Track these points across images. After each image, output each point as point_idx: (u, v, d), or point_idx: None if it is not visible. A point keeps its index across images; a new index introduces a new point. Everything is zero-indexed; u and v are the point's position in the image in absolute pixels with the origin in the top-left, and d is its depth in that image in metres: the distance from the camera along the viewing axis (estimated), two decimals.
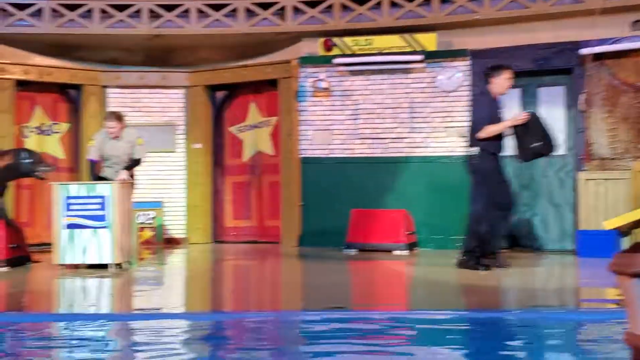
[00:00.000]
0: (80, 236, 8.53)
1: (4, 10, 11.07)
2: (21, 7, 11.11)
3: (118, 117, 9.21)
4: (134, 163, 9.20)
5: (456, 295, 7.04)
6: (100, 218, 8.54)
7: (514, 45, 10.58)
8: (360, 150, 11.25)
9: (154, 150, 12.18)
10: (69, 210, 8.55)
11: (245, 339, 5.20)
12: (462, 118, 10.80)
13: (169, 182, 12.35)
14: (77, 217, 8.57)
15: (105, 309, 6.68)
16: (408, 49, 10.99)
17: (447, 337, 5.06)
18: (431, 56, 10.94)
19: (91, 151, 9.28)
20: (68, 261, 8.57)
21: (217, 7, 11.31)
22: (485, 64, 10.72)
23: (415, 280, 8.32)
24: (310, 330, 5.32)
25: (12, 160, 9.32)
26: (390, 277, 8.45)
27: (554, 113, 10.45)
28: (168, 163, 12.35)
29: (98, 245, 8.53)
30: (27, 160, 9.32)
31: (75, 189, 8.62)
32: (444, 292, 7.10)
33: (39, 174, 9.39)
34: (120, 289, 7.73)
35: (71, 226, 8.55)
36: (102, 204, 8.54)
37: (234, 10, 11.30)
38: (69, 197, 8.56)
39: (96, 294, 7.41)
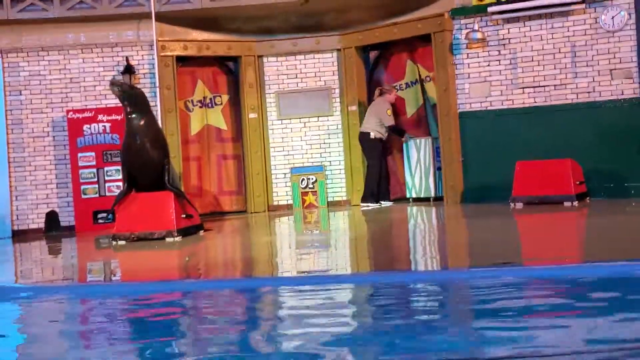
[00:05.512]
0: None
1: None
2: None
3: None
4: None
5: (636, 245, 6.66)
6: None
7: None
8: (521, 100, 10.86)
9: (312, 115, 12.34)
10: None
11: (410, 299, 5.17)
12: (629, 59, 10.20)
13: (327, 146, 12.47)
14: None
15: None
16: None
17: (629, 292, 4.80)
18: None
19: (390, 119, 11.46)
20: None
21: None
22: None
23: (589, 232, 7.98)
24: (478, 287, 5.21)
25: None
26: (561, 229, 8.14)
27: None
28: (326, 127, 12.46)
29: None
30: None
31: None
32: (621, 242, 6.74)
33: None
34: None
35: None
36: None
37: None
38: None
39: None
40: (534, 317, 4.28)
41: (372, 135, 11.57)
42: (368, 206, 11.53)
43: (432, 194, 11.53)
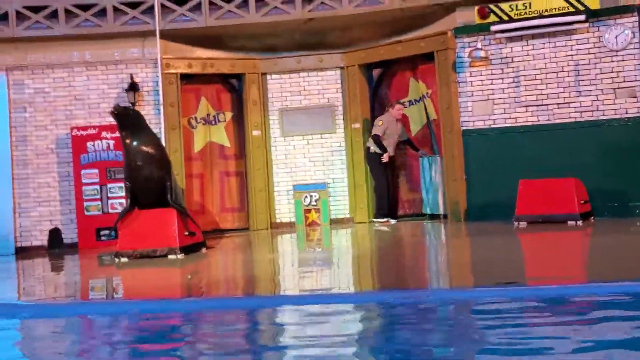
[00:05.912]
0: None
1: (165, 7, 11.52)
2: (180, 2, 11.53)
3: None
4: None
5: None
6: None
7: None
8: (524, 118, 10.86)
9: (315, 132, 12.35)
10: None
11: (414, 318, 5.15)
12: (633, 78, 10.21)
13: (330, 163, 12.46)
14: None
15: None
16: (569, 9, 10.48)
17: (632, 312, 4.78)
18: (595, 15, 10.38)
19: (379, 129, 11.51)
20: None
21: None
22: None
23: (593, 252, 7.95)
24: (481, 307, 5.18)
25: None
26: (565, 249, 8.11)
27: None
28: (329, 144, 12.45)
29: None
30: None
31: None
32: (626, 262, 6.71)
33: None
34: None
35: None
36: None
37: None
38: None
39: None
40: (537, 337, 4.26)
41: (372, 149, 11.63)
42: (379, 221, 11.57)
43: (442, 211, 11.52)
